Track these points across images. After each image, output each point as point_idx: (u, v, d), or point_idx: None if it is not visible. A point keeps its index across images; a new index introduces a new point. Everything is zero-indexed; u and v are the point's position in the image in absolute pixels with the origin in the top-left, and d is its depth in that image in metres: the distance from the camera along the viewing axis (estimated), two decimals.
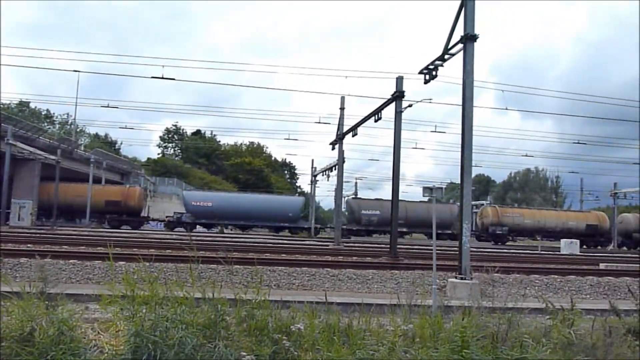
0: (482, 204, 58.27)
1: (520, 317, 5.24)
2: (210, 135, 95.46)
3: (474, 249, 18.74)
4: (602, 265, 20.03)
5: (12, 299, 4.43)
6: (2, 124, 37.00)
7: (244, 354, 4.13)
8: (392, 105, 20.50)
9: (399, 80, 20.26)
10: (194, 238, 25.83)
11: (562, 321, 5.15)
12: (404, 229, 42.83)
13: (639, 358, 4.64)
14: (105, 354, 4.06)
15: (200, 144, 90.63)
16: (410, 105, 20.19)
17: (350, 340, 4.49)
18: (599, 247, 47.55)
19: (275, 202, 45.91)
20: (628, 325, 5.75)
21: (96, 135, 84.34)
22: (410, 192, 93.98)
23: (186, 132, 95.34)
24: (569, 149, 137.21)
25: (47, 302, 4.61)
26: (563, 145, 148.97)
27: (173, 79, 23.83)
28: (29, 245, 17.49)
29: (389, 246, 20.86)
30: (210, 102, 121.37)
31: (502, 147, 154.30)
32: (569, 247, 34.44)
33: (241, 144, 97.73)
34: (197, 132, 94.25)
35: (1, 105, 62.79)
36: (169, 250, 17.46)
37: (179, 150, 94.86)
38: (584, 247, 43.73)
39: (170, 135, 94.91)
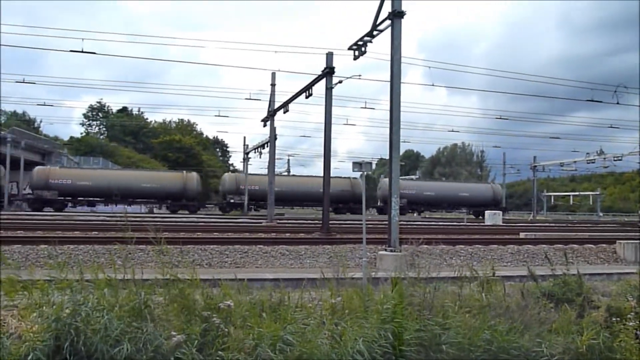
0: (412, 179, 59.99)
1: (445, 285, 5.46)
2: (137, 113, 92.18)
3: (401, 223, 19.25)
4: (522, 234, 21.18)
5: None
6: None
7: (174, 333, 4.07)
8: (323, 82, 20.52)
9: (329, 56, 20.26)
10: (123, 219, 25.02)
11: (481, 286, 5.42)
12: None
13: (552, 318, 4.96)
14: (26, 342, 3.88)
15: (126, 121, 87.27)
16: (340, 82, 20.31)
17: (281, 315, 4.52)
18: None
19: None
20: (543, 289, 6.14)
21: (14, 113, 79.35)
22: (342, 168, 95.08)
23: (111, 109, 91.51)
24: (493, 124, 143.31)
25: None
26: (487, 120, 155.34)
27: (94, 53, 22.67)
28: None
29: (321, 222, 21.09)
30: (135, 78, 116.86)
31: (430, 123, 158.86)
32: (492, 218, 36.13)
33: (170, 121, 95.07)
34: (123, 110, 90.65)
35: None
36: (95, 232, 16.85)
37: (104, 129, 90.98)
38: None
39: (94, 113, 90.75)
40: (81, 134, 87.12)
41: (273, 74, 29.52)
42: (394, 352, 4.25)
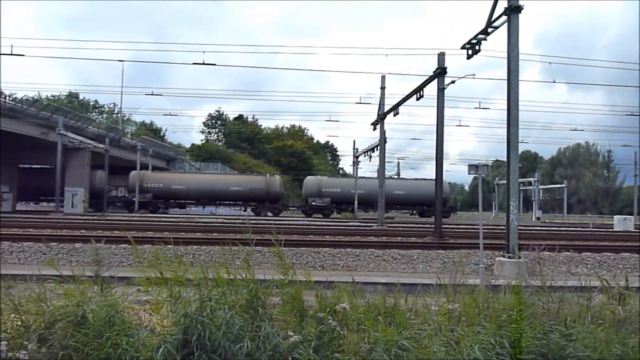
0: (530, 181, 57.02)
1: (571, 295, 5.11)
2: (252, 120, 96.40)
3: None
4: None
5: (67, 282, 4.59)
6: (53, 115, 38.33)
7: (291, 333, 4.16)
8: (434, 83, 20.12)
9: (441, 56, 19.83)
10: (236, 221, 26.22)
11: (614, 298, 5.00)
12: None
13: None
14: (158, 335, 4.16)
15: (242, 128, 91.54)
16: (453, 82, 19.77)
17: (395, 320, 4.47)
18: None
19: None
20: None
21: (142, 123, 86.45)
22: (454, 170, 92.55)
23: (228, 117, 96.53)
24: (621, 122, 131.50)
25: (101, 285, 4.76)
26: (614, 117, 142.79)
27: (214, 65, 23.99)
28: (82, 231, 18.15)
29: (433, 226, 20.66)
30: (249, 86, 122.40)
31: (549, 122, 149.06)
32: (622, 223, 33.27)
33: (282, 127, 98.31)
34: (239, 117, 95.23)
35: (51, 97, 65.26)
36: (215, 234, 17.79)
37: (222, 136, 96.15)
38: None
39: (213, 121, 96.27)
40: (201, 141, 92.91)
41: (383, 77, 29.49)
42: None
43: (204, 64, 23.28)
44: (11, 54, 25.91)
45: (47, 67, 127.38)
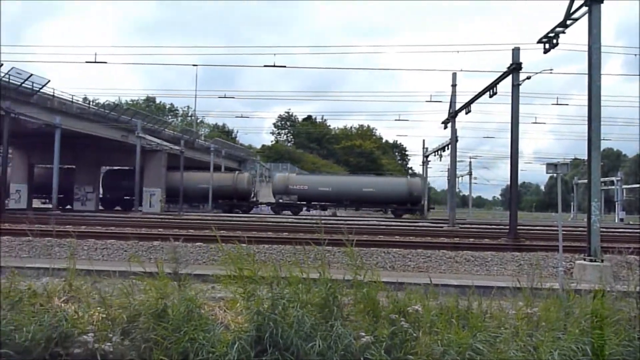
0: (613, 181, 54.10)
1: None
2: (320, 120, 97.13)
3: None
4: None
5: (147, 278, 4.79)
6: (132, 119, 40.24)
7: (363, 333, 4.15)
8: (508, 79, 19.45)
9: (515, 51, 19.14)
10: (306, 221, 26.48)
11: None
12: None
13: None
14: (232, 332, 4.27)
15: (311, 129, 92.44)
16: (528, 78, 19.07)
17: (469, 323, 4.36)
18: None
19: None
20: None
21: (215, 125, 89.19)
22: (529, 169, 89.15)
23: (298, 118, 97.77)
24: None
25: (179, 281, 4.95)
26: None
27: (284, 67, 24.32)
28: (159, 229, 18.92)
29: (508, 227, 19.99)
30: (319, 87, 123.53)
31: (633, 118, 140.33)
32: None
33: (351, 127, 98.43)
34: (308, 118, 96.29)
35: (130, 102, 68.60)
36: (285, 233, 18.04)
37: (292, 137, 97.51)
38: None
39: (283, 122, 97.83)
40: (271, 142, 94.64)
41: (454, 75, 28.82)
42: None
43: (274, 66, 23.66)
44: (95, 62, 27.49)
45: (127, 73, 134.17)
